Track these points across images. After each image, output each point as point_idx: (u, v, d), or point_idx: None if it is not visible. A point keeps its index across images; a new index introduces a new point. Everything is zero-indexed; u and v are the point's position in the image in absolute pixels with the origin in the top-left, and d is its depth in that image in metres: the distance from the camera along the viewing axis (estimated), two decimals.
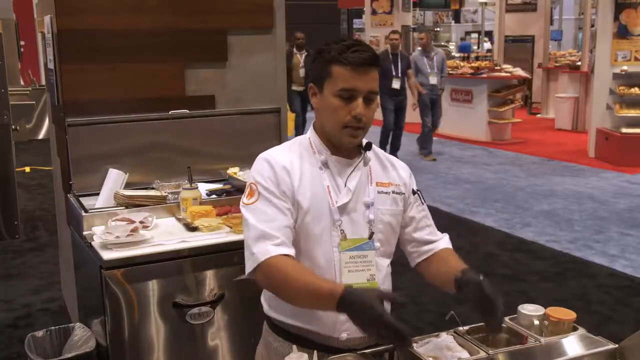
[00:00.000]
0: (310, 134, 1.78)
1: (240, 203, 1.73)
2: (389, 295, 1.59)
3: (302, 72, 10.15)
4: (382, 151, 1.88)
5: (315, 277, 1.61)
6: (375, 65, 1.66)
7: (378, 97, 1.73)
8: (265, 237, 1.62)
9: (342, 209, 1.71)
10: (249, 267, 1.65)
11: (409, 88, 8.93)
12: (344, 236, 1.70)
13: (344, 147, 1.73)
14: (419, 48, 9.53)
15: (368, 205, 1.74)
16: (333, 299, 1.51)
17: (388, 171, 1.83)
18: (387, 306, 1.64)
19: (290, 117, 9.63)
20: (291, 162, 1.71)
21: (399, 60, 8.75)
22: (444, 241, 1.90)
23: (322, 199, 1.70)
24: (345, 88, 1.65)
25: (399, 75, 8.69)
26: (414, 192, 1.86)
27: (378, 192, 1.76)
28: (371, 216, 1.74)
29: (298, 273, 1.60)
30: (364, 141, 1.79)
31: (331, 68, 1.66)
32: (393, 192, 1.79)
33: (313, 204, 1.69)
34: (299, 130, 10.20)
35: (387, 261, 1.80)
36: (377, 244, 1.75)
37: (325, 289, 1.54)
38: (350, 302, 1.50)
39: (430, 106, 9.25)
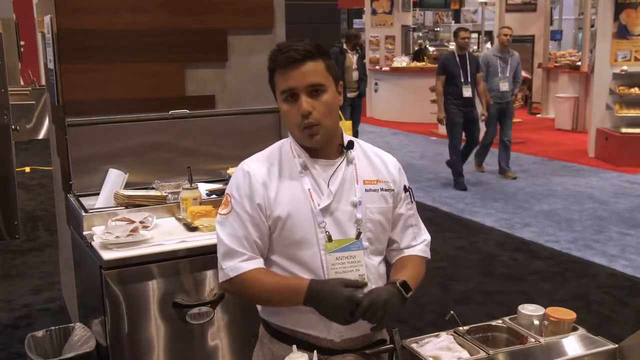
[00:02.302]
0: (290, 137, 1.78)
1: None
2: (352, 281, 1.64)
3: (355, 75, 8.86)
4: (370, 145, 1.85)
5: (281, 277, 1.71)
6: (310, 59, 1.64)
7: (330, 88, 1.68)
8: (232, 254, 1.70)
9: (325, 211, 1.70)
10: (220, 278, 1.74)
11: (477, 95, 7.47)
12: (329, 238, 1.69)
13: (316, 148, 1.72)
14: (494, 46, 7.92)
15: (355, 205, 1.72)
16: (300, 294, 1.62)
17: (376, 167, 1.80)
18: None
19: (346, 125, 7.92)
20: (269, 172, 1.72)
21: (468, 62, 7.27)
22: (418, 248, 1.87)
23: (303, 203, 1.69)
24: (283, 90, 1.66)
25: (469, 80, 7.23)
26: (405, 189, 1.84)
27: (366, 190, 1.74)
28: (359, 215, 1.72)
29: (265, 280, 1.69)
30: (346, 140, 1.77)
31: (273, 76, 1.70)
32: (382, 189, 1.77)
33: (293, 210, 1.68)
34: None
35: (379, 259, 1.79)
36: (366, 243, 1.73)
37: (291, 285, 1.66)
38: (316, 291, 1.60)
39: (499, 116, 7.83)
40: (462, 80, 7.20)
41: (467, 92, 7.21)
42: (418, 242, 1.87)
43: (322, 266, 1.69)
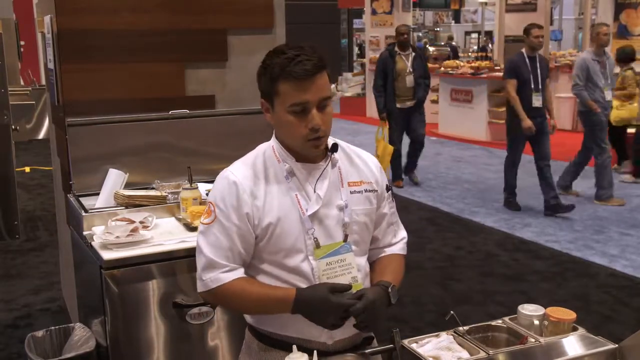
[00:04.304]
0: (273, 142, 1.74)
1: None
2: (339, 286, 1.62)
3: (409, 80, 7.32)
4: (349, 145, 1.83)
5: (266, 287, 1.67)
6: (322, 70, 1.61)
7: (330, 100, 1.67)
8: (213, 266, 1.66)
9: (314, 217, 1.67)
10: (198, 288, 1.70)
11: (545, 103, 6.36)
12: (317, 244, 1.67)
13: (313, 155, 1.70)
14: (591, 49, 6.78)
15: (342, 208, 1.71)
16: (287, 303, 1.60)
17: (359, 168, 1.79)
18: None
19: (386, 149, 7.25)
20: (255, 180, 1.68)
21: (539, 66, 6.24)
22: (398, 246, 1.89)
23: (291, 210, 1.66)
24: (295, 103, 1.60)
25: (540, 87, 6.21)
26: (387, 189, 1.84)
27: (351, 193, 1.73)
28: (346, 219, 1.70)
29: (250, 290, 1.66)
30: (330, 143, 1.74)
31: (277, 85, 1.61)
32: (366, 190, 1.76)
33: (282, 217, 1.66)
34: (396, 165, 7.61)
35: (364, 259, 1.79)
36: (353, 246, 1.72)
37: (278, 295, 1.63)
38: (304, 300, 1.58)
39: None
40: (533, 86, 6.17)
41: (537, 100, 6.19)
42: (398, 239, 1.89)
43: (312, 272, 1.67)
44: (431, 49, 16.99)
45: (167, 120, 3.20)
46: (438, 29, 23.49)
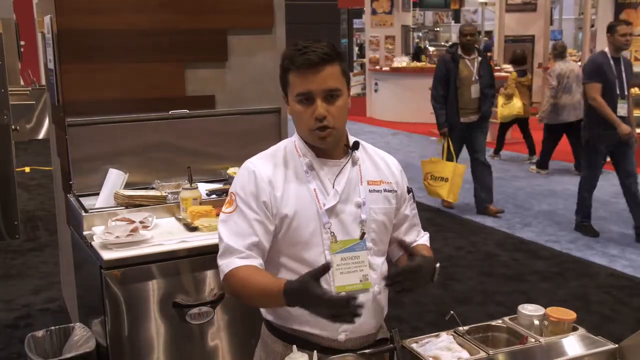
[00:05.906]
0: (295, 137, 1.78)
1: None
2: (319, 269, 1.53)
3: (475, 90, 6.12)
4: (372, 146, 1.86)
5: (267, 278, 1.65)
6: (328, 62, 1.64)
7: (344, 92, 1.69)
8: (230, 251, 1.68)
9: (331, 212, 1.70)
10: (221, 278, 1.72)
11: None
12: (334, 238, 1.70)
13: (324, 148, 1.72)
14: None
15: (359, 205, 1.73)
16: (279, 296, 1.57)
17: (380, 169, 1.81)
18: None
19: (456, 170, 6.28)
20: (275, 171, 1.71)
21: (623, 68, 5.32)
22: (423, 239, 1.95)
23: (309, 203, 1.69)
24: (300, 93, 1.65)
25: (625, 93, 5.29)
26: (408, 191, 1.86)
27: (369, 191, 1.76)
28: (363, 216, 1.73)
29: (253, 278, 1.65)
30: (352, 140, 1.78)
31: (287, 76, 1.68)
32: (385, 190, 1.79)
33: (299, 209, 1.68)
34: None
35: (382, 259, 1.80)
36: (370, 244, 1.74)
37: (273, 288, 1.59)
38: (292, 294, 1.54)
39: None
40: (618, 92, 5.25)
41: (622, 109, 5.23)
42: (421, 236, 1.94)
43: None
44: (431, 48, 17.00)
45: (167, 120, 3.20)
46: (438, 29, 23.49)
